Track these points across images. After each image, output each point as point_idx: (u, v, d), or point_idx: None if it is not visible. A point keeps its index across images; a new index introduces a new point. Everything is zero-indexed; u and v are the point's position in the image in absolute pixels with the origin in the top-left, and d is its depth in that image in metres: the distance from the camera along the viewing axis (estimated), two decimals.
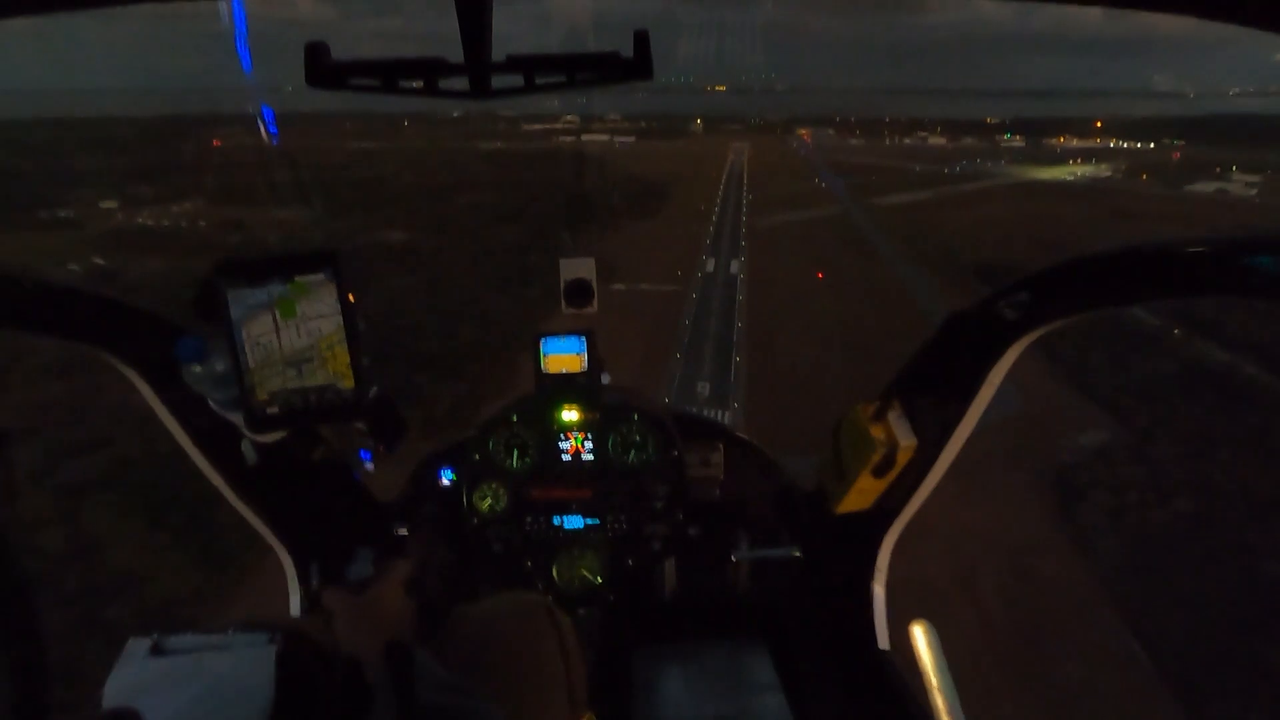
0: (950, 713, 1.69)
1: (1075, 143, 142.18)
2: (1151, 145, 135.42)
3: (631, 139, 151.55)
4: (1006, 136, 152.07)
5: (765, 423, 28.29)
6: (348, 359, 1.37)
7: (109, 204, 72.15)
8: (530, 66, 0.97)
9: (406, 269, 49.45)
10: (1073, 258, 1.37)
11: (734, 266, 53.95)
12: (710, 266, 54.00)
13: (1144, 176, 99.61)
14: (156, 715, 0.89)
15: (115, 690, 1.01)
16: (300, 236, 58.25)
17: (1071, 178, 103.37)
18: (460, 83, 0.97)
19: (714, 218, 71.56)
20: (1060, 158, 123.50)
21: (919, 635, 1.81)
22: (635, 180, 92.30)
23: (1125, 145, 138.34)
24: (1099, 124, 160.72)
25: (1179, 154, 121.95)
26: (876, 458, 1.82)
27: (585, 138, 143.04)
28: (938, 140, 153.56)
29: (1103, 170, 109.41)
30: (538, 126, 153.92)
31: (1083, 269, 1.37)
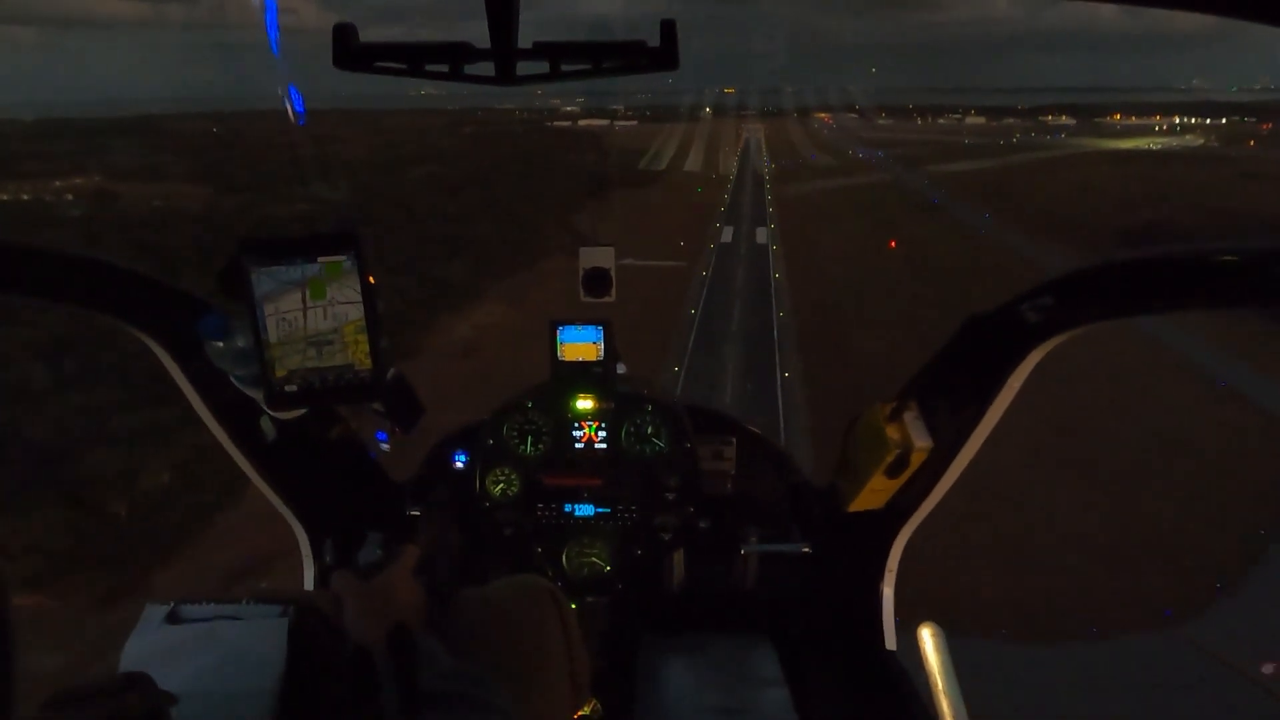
0: (955, 718, 1.67)
1: (1133, 120, 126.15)
2: (1223, 121, 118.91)
3: (633, 123, 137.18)
4: (1050, 118, 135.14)
5: None
6: (368, 344, 1.38)
7: None
8: (556, 53, 0.96)
9: None
10: (1101, 262, 1.32)
11: (761, 235, 39.06)
12: (728, 236, 39.44)
13: (1250, 144, 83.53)
14: (170, 682, 0.89)
15: (130, 656, 1.05)
16: (169, 207, 44.14)
17: (1159, 147, 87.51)
18: (485, 68, 0.95)
19: (729, 185, 56.36)
20: (1127, 132, 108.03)
21: (926, 638, 1.76)
22: (636, 152, 77.29)
23: (1193, 121, 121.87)
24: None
25: (1269, 125, 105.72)
26: (890, 458, 1.79)
27: (582, 123, 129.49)
28: (976, 120, 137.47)
29: (1191, 140, 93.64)
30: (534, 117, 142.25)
31: (1112, 274, 1.33)
